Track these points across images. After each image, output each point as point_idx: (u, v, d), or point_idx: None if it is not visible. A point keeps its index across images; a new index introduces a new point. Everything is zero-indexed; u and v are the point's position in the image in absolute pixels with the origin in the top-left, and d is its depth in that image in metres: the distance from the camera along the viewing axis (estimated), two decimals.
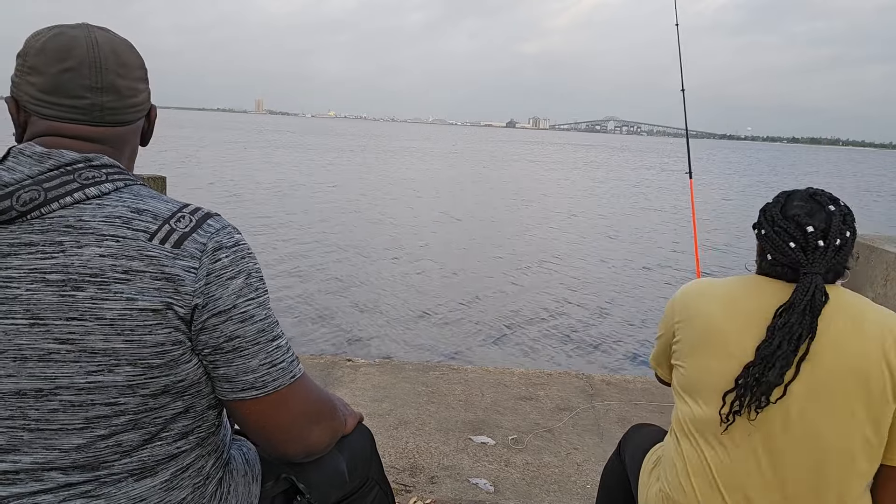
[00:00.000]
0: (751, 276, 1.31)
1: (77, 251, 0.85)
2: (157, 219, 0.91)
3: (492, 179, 27.72)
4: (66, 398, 0.86)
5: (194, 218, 0.94)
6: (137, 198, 0.92)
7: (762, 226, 1.29)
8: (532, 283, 9.12)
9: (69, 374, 0.86)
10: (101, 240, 0.86)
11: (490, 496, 2.41)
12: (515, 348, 6.40)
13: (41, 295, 0.84)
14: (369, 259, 10.11)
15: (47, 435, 0.87)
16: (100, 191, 0.90)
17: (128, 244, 0.87)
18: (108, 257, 0.86)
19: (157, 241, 0.88)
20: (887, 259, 3.25)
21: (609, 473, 1.76)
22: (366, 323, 6.88)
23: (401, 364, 3.78)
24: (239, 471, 1.13)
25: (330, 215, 14.11)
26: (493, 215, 16.04)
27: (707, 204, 20.19)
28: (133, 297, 0.86)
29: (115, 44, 0.97)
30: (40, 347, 0.84)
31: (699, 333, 1.27)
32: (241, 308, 0.94)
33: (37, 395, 0.86)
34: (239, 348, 0.94)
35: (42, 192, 0.86)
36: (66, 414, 0.87)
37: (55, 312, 0.84)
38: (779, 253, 1.24)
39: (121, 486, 0.92)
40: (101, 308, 0.85)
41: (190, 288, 0.89)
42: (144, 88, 1.02)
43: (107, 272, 0.85)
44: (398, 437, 2.80)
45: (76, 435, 0.88)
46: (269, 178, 21.21)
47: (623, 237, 13.50)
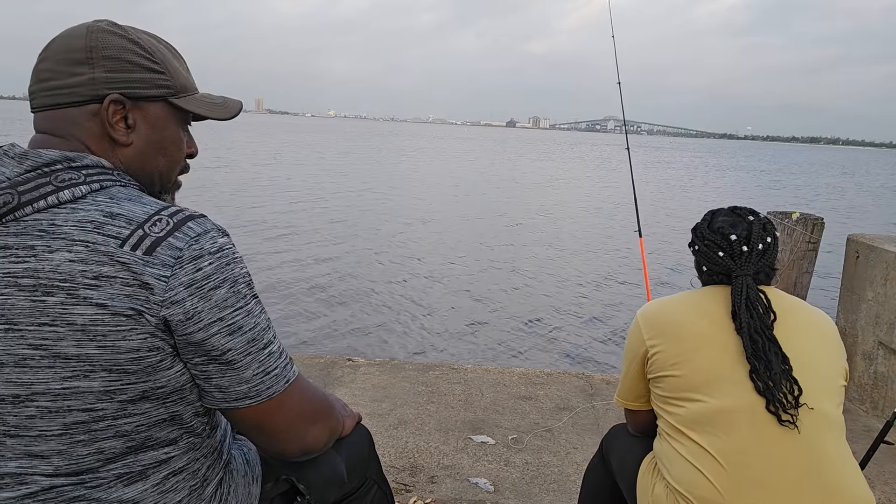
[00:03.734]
0: (705, 288, 1.45)
1: (48, 256, 0.84)
2: (130, 223, 0.87)
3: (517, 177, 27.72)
4: (43, 404, 0.85)
5: (172, 221, 0.90)
6: (113, 201, 0.89)
7: (695, 242, 1.48)
8: (533, 283, 9.12)
9: (45, 380, 0.85)
10: (70, 245, 0.84)
11: (490, 496, 2.41)
12: (515, 348, 6.40)
13: (14, 300, 0.83)
14: (370, 258, 10.11)
15: (27, 441, 0.87)
16: (72, 194, 0.88)
17: (97, 249, 0.84)
18: (78, 262, 0.84)
19: (128, 248, 0.85)
20: (887, 258, 3.25)
21: (592, 474, 1.78)
22: (366, 322, 6.88)
23: (400, 364, 3.77)
24: (239, 471, 1.12)
25: (343, 215, 14.12)
26: (501, 213, 16.04)
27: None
28: (103, 302, 0.84)
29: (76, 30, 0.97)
30: (15, 353, 0.84)
31: (684, 339, 1.36)
32: (228, 321, 0.90)
33: (14, 402, 0.85)
34: (231, 361, 0.92)
35: (16, 196, 0.85)
36: (43, 420, 0.86)
37: (28, 318, 0.83)
38: (711, 263, 1.42)
39: (110, 491, 0.91)
40: (72, 314, 0.83)
41: (159, 297, 0.86)
42: (77, 72, 0.94)
43: (76, 277, 0.83)
44: (398, 437, 2.80)
45: (55, 441, 0.87)
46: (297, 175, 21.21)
47: (632, 235, 13.51)
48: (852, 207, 23.17)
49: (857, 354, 3.42)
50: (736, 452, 1.26)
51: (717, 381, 1.30)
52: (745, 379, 1.28)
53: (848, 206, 23.80)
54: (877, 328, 3.31)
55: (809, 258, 3.33)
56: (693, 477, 1.29)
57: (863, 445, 2.15)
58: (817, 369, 1.32)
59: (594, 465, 1.78)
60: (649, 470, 1.47)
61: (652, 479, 1.44)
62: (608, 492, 1.69)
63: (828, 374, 1.33)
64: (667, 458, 1.37)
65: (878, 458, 2.38)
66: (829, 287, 7.55)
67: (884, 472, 2.72)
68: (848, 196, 28.93)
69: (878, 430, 2.08)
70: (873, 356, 3.34)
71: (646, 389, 1.48)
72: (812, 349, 1.34)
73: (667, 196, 23.33)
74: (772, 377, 1.25)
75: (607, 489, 1.69)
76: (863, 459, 1.97)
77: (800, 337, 1.34)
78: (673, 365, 1.36)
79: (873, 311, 3.34)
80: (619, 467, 1.62)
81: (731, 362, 1.30)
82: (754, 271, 1.38)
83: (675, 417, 1.35)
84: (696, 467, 1.29)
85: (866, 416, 3.32)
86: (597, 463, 1.76)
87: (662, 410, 1.40)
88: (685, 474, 1.31)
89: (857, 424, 3.17)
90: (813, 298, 3.06)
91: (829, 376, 1.33)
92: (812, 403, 1.26)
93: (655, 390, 1.43)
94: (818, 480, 1.23)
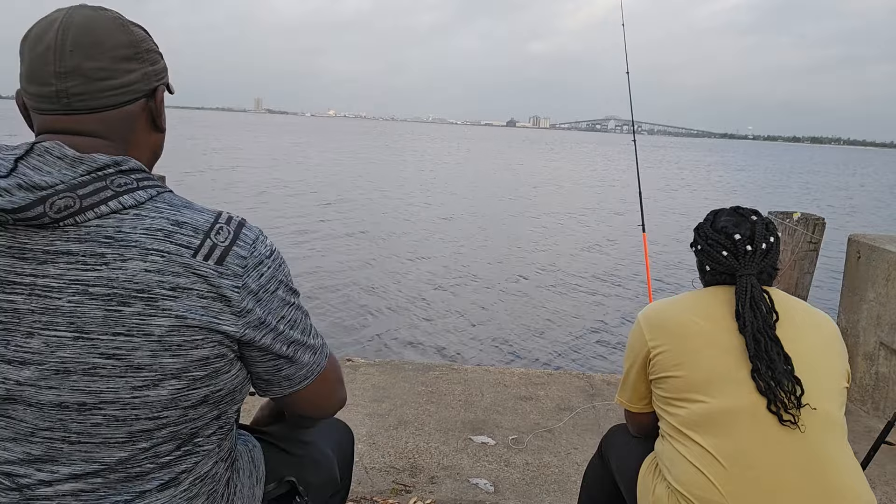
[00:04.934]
0: (708, 289, 1.44)
1: (121, 265, 0.82)
2: (197, 232, 0.88)
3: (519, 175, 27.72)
4: (111, 413, 0.84)
5: (231, 229, 0.91)
6: (173, 208, 0.89)
7: (698, 242, 1.47)
8: (533, 283, 9.11)
9: (115, 389, 0.84)
10: (145, 254, 0.83)
11: (490, 496, 2.40)
12: (515, 348, 6.39)
13: (85, 308, 0.81)
14: (370, 258, 10.11)
15: (88, 448, 0.86)
16: (135, 199, 0.86)
17: (173, 259, 0.84)
18: (154, 272, 0.83)
19: (201, 258, 0.86)
20: (888, 258, 3.24)
21: (592, 475, 1.78)
22: (366, 322, 6.88)
23: (400, 364, 3.77)
24: (245, 471, 1.13)
25: (349, 214, 14.12)
26: (506, 213, 16.04)
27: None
28: (182, 314, 0.84)
29: (95, 22, 0.90)
30: (85, 361, 0.82)
31: (686, 339, 1.35)
32: (288, 318, 0.96)
33: (80, 409, 0.84)
34: (295, 352, 0.99)
35: (77, 200, 0.82)
36: (109, 428, 0.85)
37: (101, 327, 0.82)
38: (715, 262, 1.42)
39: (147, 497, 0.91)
40: (149, 324, 0.83)
41: (236, 308, 0.89)
42: (132, 68, 0.93)
43: (154, 288, 0.83)
44: (398, 437, 2.79)
45: (118, 448, 0.87)
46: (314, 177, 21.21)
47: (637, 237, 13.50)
48: (852, 207, 23.15)
49: (859, 355, 3.41)
50: (738, 453, 1.25)
51: (720, 382, 1.29)
52: (747, 379, 1.27)
53: (848, 206, 23.78)
54: (878, 328, 3.30)
55: (810, 258, 3.32)
56: (694, 477, 1.29)
57: (864, 446, 2.15)
58: (819, 370, 1.31)
59: (594, 465, 1.78)
60: (650, 471, 1.47)
61: (653, 479, 1.44)
62: (608, 492, 1.69)
63: (830, 375, 1.33)
64: (668, 458, 1.36)
65: (878, 458, 2.38)
66: (831, 287, 7.54)
67: (885, 472, 2.71)
68: (848, 196, 28.90)
69: (879, 430, 2.08)
70: (874, 356, 3.33)
71: (647, 391, 1.47)
72: (814, 350, 1.34)
73: (669, 194, 23.32)
74: (774, 377, 1.25)
75: (607, 489, 1.69)
76: (864, 460, 1.96)
77: (802, 338, 1.34)
78: (675, 366, 1.35)
79: (874, 312, 3.33)
80: (619, 468, 1.61)
81: (733, 363, 1.29)
82: (758, 271, 1.38)
83: (677, 418, 1.35)
84: (697, 468, 1.29)
85: (867, 416, 3.31)
86: (596, 463, 1.76)
87: (664, 411, 1.40)
88: (686, 475, 1.30)
89: (859, 425, 3.16)
90: (813, 299, 3.05)
91: (831, 377, 1.33)
92: (814, 404, 1.26)
93: (657, 391, 1.42)
94: (819, 482, 1.23)
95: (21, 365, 0.82)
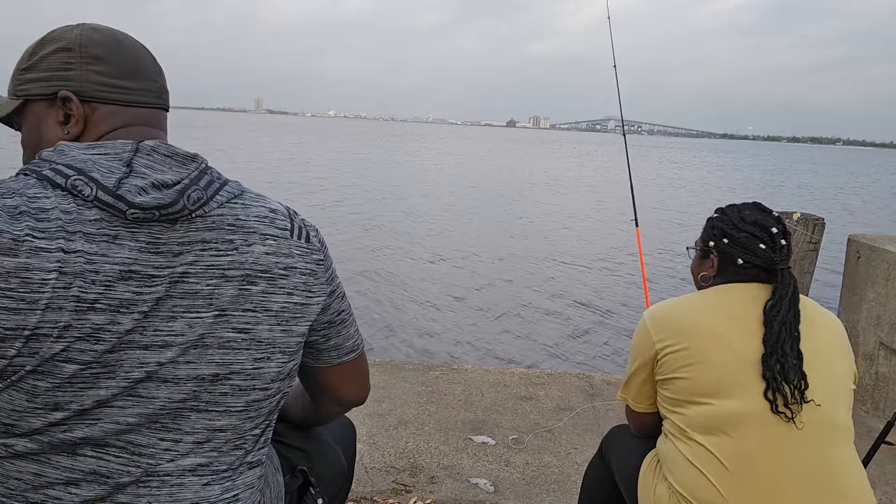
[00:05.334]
0: (719, 287, 1.42)
1: (248, 248, 0.92)
2: (285, 216, 0.99)
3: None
4: (237, 382, 0.92)
5: (298, 215, 1.03)
6: (259, 197, 0.99)
7: (726, 235, 1.43)
8: (533, 283, 9.11)
9: (241, 360, 0.91)
10: (263, 238, 0.93)
11: (490, 496, 2.40)
12: (515, 348, 6.39)
13: (223, 289, 0.89)
14: (371, 259, 10.11)
15: (213, 416, 0.91)
16: (237, 189, 0.96)
17: (282, 242, 0.95)
18: (272, 255, 0.93)
19: (296, 238, 0.98)
20: (888, 259, 3.24)
21: (592, 475, 1.77)
22: (366, 322, 6.88)
23: (400, 364, 3.77)
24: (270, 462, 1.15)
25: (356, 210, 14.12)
26: (509, 212, 16.05)
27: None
28: (291, 291, 0.95)
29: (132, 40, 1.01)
30: (221, 336, 0.89)
31: (694, 340, 1.33)
32: (339, 288, 1.07)
33: (213, 380, 0.90)
34: (344, 321, 1.08)
35: (203, 192, 0.89)
36: (233, 397, 0.92)
37: (234, 304, 0.90)
38: (751, 255, 1.38)
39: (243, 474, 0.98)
40: (270, 301, 0.93)
41: (322, 278, 1.00)
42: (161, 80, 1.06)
43: (273, 268, 0.93)
44: (398, 437, 2.79)
45: (236, 416, 0.93)
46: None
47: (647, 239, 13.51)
48: (852, 207, 23.15)
49: (859, 355, 3.41)
50: (742, 455, 1.25)
51: (729, 385, 1.28)
52: (757, 382, 1.26)
53: (848, 206, 23.78)
54: (878, 328, 3.30)
55: (810, 258, 3.32)
56: (696, 480, 1.28)
57: (864, 446, 2.15)
58: (828, 370, 1.31)
59: (594, 465, 1.77)
60: (650, 470, 1.47)
61: (653, 479, 1.43)
62: (608, 493, 1.68)
63: (838, 375, 1.33)
64: (670, 459, 1.36)
65: (878, 458, 2.38)
66: (831, 287, 7.54)
67: (885, 472, 2.71)
68: (847, 196, 28.91)
69: (879, 430, 2.08)
70: (874, 356, 3.33)
71: (653, 391, 1.46)
72: (825, 350, 1.34)
73: (669, 194, 23.33)
74: (782, 370, 1.25)
75: (607, 490, 1.68)
76: (864, 460, 1.96)
77: (816, 336, 1.33)
78: (683, 367, 1.33)
79: (874, 312, 3.33)
80: (620, 468, 1.60)
81: (743, 364, 1.28)
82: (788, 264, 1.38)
83: (683, 419, 1.34)
84: (699, 469, 1.28)
85: (867, 416, 3.31)
86: (596, 463, 1.75)
87: (669, 412, 1.39)
88: (687, 476, 1.30)
89: (859, 425, 3.15)
90: (813, 298, 3.05)
91: (839, 378, 1.33)
92: (819, 401, 1.26)
93: (663, 391, 1.41)
94: (823, 485, 1.22)
95: (161, 348, 0.86)
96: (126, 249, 0.83)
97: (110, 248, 0.82)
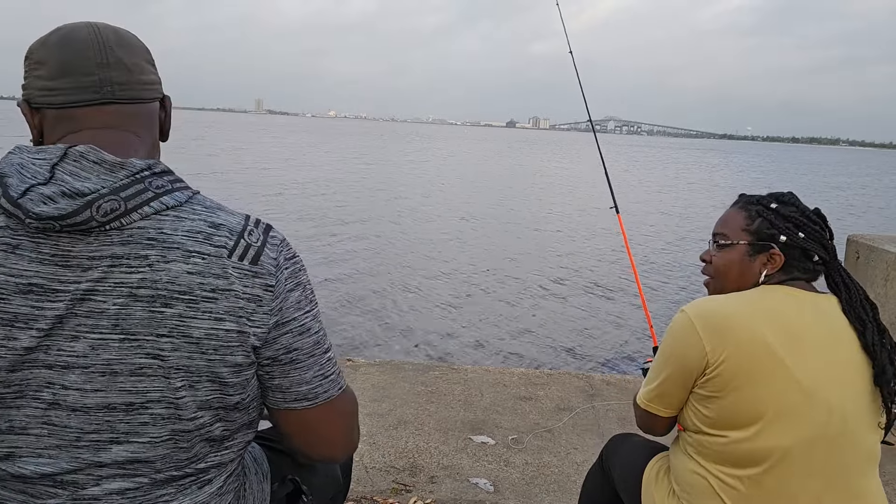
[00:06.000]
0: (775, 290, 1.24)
1: (164, 266, 0.83)
2: (232, 234, 0.89)
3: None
4: (157, 411, 0.85)
5: (260, 231, 0.93)
6: (209, 210, 0.90)
7: (802, 229, 1.27)
8: (534, 283, 9.12)
9: (160, 389, 0.84)
10: (187, 256, 0.84)
11: (490, 496, 2.41)
12: (515, 348, 6.40)
13: (130, 310, 0.82)
14: (371, 258, 10.11)
15: (135, 448, 0.87)
16: (175, 200, 0.87)
17: (212, 262, 0.86)
18: (196, 275, 0.84)
19: (236, 258, 0.88)
20: (887, 259, 3.25)
21: (591, 484, 1.72)
22: (366, 322, 6.88)
23: (400, 364, 3.77)
24: (251, 469, 1.14)
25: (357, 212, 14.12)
26: (510, 213, 16.05)
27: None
28: (220, 317, 0.85)
29: (118, 29, 0.96)
30: (131, 362, 0.83)
31: (753, 360, 1.15)
32: (299, 321, 0.94)
33: (127, 409, 0.84)
34: (296, 360, 0.94)
35: (121, 203, 0.82)
36: (156, 427, 0.86)
37: (146, 328, 0.82)
38: (823, 250, 1.27)
39: (188, 493, 0.93)
40: (188, 326, 0.84)
41: (268, 307, 0.89)
42: (153, 71, 0.99)
43: (195, 290, 0.84)
44: (398, 437, 2.80)
45: (162, 447, 0.88)
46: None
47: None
48: (851, 207, 23.15)
49: None
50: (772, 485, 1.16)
51: (775, 417, 1.14)
52: (806, 413, 1.14)
53: (847, 206, 23.79)
54: None
55: None
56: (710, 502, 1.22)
57: None
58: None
59: (594, 473, 1.72)
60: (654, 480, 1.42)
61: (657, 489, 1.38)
62: (608, 500, 1.63)
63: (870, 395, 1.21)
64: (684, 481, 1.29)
65: None
66: None
67: (884, 472, 2.71)
68: (846, 196, 28.90)
69: None
70: None
71: (684, 398, 1.27)
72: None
73: (669, 194, 23.33)
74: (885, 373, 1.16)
75: (607, 497, 1.63)
76: None
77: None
78: (733, 387, 1.16)
79: None
80: (622, 478, 1.55)
81: (797, 393, 1.14)
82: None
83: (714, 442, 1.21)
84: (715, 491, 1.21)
85: None
86: (596, 472, 1.71)
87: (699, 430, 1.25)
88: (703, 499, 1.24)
89: None
90: None
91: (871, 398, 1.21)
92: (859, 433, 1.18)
93: (700, 409, 1.22)
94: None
95: (64, 369, 0.82)
96: (26, 261, 0.80)
97: (8, 258, 0.80)
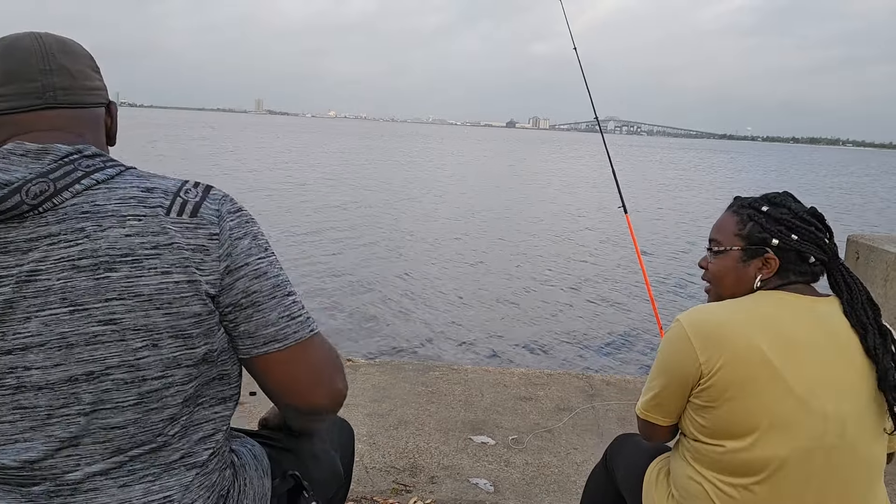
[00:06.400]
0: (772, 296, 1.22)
1: (102, 234, 0.86)
2: (167, 194, 0.92)
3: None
4: (119, 376, 0.87)
5: (199, 190, 0.96)
6: (142, 178, 0.94)
7: (795, 230, 1.23)
8: (534, 283, 9.12)
9: (118, 353, 0.87)
10: (122, 220, 0.87)
11: (490, 496, 2.41)
12: (515, 348, 6.40)
13: (75, 282, 0.84)
14: (372, 259, 10.11)
15: (104, 415, 0.88)
16: (106, 174, 0.90)
17: (149, 221, 0.88)
18: (135, 236, 0.87)
19: (174, 215, 0.90)
20: (887, 259, 3.25)
21: (594, 484, 1.71)
22: (366, 322, 6.88)
23: (400, 364, 3.78)
24: (250, 465, 1.14)
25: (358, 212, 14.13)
26: (512, 212, 16.05)
27: None
28: (167, 270, 0.88)
29: (61, 38, 0.99)
30: (85, 332, 0.85)
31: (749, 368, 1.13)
32: (253, 265, 0.96)
33: (88, 378, 0.86)
34: (257, 303, 0.95)
35: (51, 184, 0.86)
36: (119, 392, 0.88)
37: (93, 296, 0.85)
38: (820, 251, 1.24)
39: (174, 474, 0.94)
40: (137, 285, 0.86)
41: (216, 254, 0.92)
42: (98, 77, 1.02)
43: (136, 250, 0.87)
44: (398, 437, 2.80)
45: (130, 411, 0.89)
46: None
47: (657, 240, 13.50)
48: (851, 207, 23.15)
49: None
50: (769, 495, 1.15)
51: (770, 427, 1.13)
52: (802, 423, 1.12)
53: (846, 206, 23.78)
54: None
55: None
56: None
57: None
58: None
59: (597, 473, 1.71)
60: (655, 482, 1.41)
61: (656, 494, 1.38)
62: (611, 501, 1.62)
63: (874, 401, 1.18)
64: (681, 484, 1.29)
65: None
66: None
67: (884, 472, 2.71)
68: (846, 196, 28.90)
69: None
70: None
71: (682, 407, 1.26)
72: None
73: (670, 194, 23.33)
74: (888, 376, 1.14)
75: (610, 498, 1.63)
76: None
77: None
78: (728, 398, 1.15)
79: None
80: (625, 479, 1.55)
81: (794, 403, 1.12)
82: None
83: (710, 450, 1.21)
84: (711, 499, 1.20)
85: None
86: (600, 472, 1.70)
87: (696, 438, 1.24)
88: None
89: None
90: None
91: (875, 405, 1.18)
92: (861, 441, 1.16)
93: (696, 418, 1.22)
94: None
95: (23, 351, 0.85)
96: None
97: None
